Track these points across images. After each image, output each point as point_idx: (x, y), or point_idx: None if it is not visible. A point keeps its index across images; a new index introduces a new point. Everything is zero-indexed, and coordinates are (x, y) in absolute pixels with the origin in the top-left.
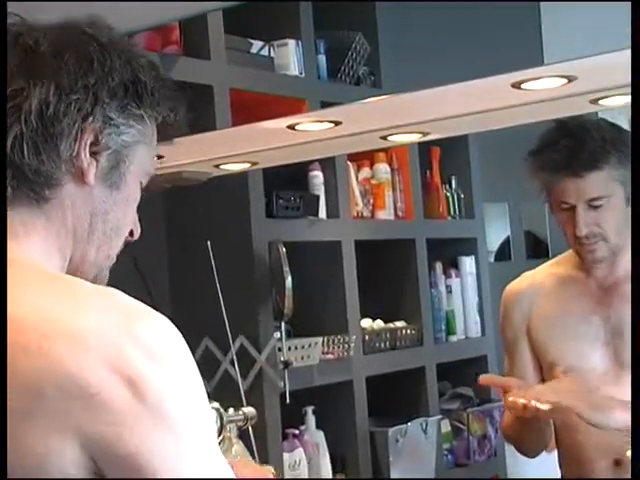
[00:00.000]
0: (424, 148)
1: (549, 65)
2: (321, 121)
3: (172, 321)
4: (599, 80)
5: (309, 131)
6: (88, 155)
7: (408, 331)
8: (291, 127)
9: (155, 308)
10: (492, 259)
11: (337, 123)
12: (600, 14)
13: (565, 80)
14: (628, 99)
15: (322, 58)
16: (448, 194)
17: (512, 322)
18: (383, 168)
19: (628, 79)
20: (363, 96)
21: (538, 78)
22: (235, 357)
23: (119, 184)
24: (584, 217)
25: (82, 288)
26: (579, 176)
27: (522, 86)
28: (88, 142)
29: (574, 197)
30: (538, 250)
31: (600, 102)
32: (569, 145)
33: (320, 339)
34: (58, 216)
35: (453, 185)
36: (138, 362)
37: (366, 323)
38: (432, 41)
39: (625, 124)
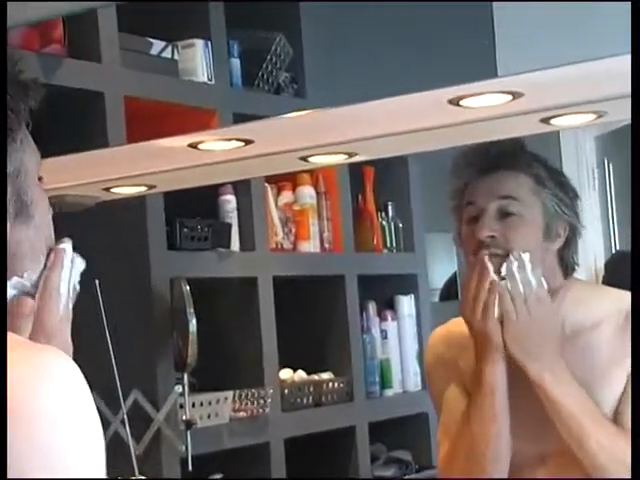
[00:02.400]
0: (356, 169)
1: (491, 80)
2: (229, 139)
3: None
4: (549, 97)
5: (214, 151)
6: None
7: (335, 384)
8: (193, 146)
9: None
10: (436, 298)
11: (248, 142)
12: (560, 26)
13: (510, 97)
14: (584, 118)
15: (236, 62)
16: (384, 223)
17: (442, 368)
18: (307, 192)
19: (584, 96)
20: (283, 107)
21: (479, 94)
22: (127, 416)
23: None
24: (490, 219)
25: None
26: (487, 174)
27: (461, 103)
28: None
29: (483, 195)
30: None
31: (552, 122)
32: (484, 144)
33: (230, 393)
34: None
35: (390, 212)
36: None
37: (286, 374)
38: (365, 44)
39: (591, 142)
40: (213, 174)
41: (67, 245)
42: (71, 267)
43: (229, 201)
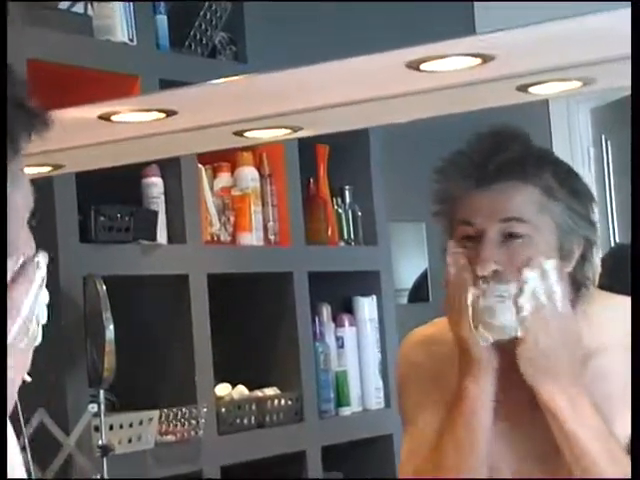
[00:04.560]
0: (307, 147)
1: (456, 40)
2: (148, 110)
3: None
4: (525, 60)
5: (130, 123)
6: None
7: (282, 401)
8: (105, 117)
9: None
10: (403, 300)
11: (170, 113)
12: None
13: (479, 60)
14: (569, 86)
15: (162, 19)
16: (340, 210)
17: (418, 380)
18: (249, 174)
19: (567, 59)
20: (220, 72)
21: (442, 57)
22: (30, 441)
23: None
24: (492, 248)
25: None
26: (487, 188)
27: (421, 67)
28: None
29: (482, 215)
30: None
31: (531, 90)
32: (483, 150)
33: (156, 413)
34: None
35: (347, 198)
36: None
37: (223, 390)
38: None
39: (586, 116)
40: (130, 151)
41: (42, 258)
42: (41, 285)
43: (155, 184)
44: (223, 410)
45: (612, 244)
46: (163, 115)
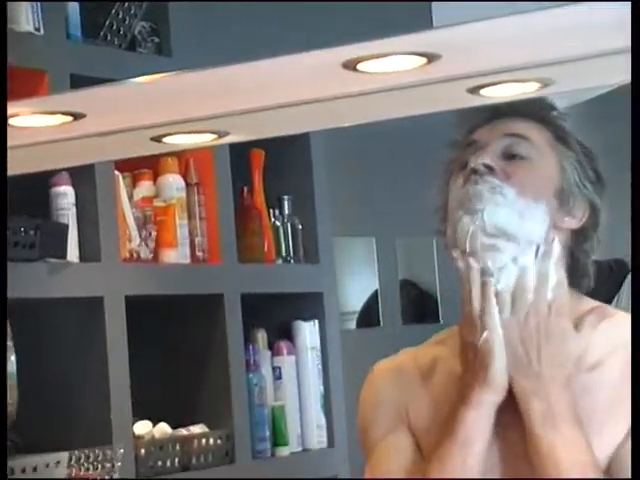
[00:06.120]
0: (240, 151)
1: (397, 37)
2: (51, 113)
3: None
4: (474, 60)
5: (32, 128)
6: None
7: (211, 441)
8: None
9: None
10: (351, 325)
11: (78, 116)
12: None
13: (423, 59)
14: (524, 88)
15: (74, 6)
16: (278, 223)
17: (389, 413)
18: (174, 182)
19: (521, 58)
20: (140, 67)
21: (383, 56)
22: None
23: None
24: (493, 152)
25: None
26: (494, 118)
27: (358, 67)
28: None
29: (486, 132)
30: (422, 310)
31: (482, 92)
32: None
33: (65, 455)
34: None
35: (286, 209)
36: None
37: (142, 429)
38: None
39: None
40: (33, 158)
41: None
42: None
43: (65, 194)
44: (142, 451)
45: None
46: (70, 118)
